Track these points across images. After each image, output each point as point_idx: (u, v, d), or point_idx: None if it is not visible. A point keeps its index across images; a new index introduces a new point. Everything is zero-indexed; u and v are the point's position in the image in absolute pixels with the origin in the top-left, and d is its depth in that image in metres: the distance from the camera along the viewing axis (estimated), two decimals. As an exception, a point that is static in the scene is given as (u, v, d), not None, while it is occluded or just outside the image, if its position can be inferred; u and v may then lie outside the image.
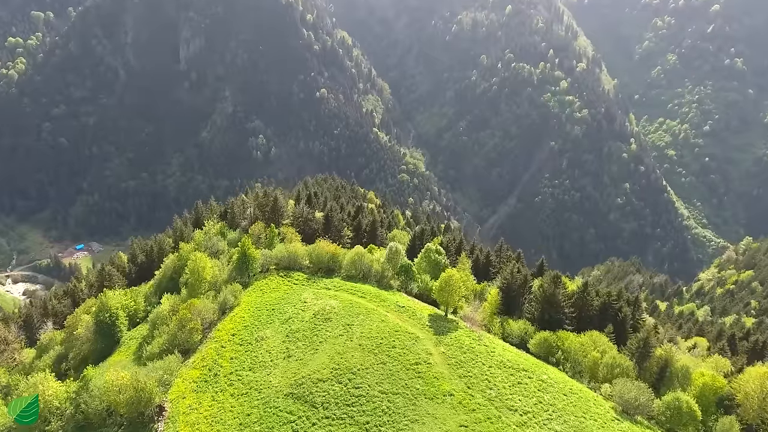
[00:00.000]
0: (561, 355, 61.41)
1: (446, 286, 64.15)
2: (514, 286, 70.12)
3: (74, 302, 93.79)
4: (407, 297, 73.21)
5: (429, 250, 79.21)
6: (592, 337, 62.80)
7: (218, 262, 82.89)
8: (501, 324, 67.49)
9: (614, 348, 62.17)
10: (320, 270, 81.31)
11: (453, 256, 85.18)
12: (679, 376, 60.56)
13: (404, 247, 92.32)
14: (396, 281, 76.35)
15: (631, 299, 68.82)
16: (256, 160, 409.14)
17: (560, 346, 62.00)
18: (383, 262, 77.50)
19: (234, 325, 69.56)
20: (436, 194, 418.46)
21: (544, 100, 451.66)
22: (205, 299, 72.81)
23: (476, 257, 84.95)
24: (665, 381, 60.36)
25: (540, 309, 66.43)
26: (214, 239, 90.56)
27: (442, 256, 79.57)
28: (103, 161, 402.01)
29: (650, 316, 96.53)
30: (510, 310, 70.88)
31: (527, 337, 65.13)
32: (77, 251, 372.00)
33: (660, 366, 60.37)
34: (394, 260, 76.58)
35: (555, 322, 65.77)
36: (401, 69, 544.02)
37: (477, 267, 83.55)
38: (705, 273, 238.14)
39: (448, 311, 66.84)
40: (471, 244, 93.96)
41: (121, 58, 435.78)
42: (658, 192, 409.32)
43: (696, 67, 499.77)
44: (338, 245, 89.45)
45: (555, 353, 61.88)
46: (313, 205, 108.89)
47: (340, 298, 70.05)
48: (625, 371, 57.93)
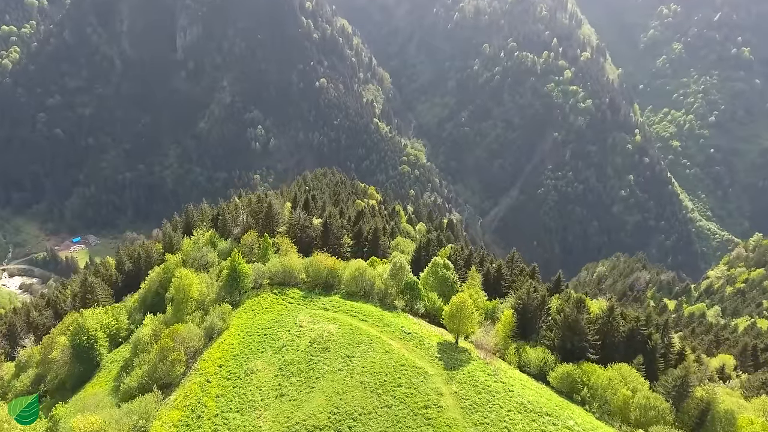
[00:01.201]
0: (587, 392, 55.29)
1: (458, 313, 58.07)
2: (531, 307, 64.10)
3: (56, 314, 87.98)
4: (413, 319, 66.88)
5: (436, 264, 72.83)
6: (620, 370, 56.58)
7: (207, 276, 76.44)
8: (517, 351, 61.46)
9: (646, 384, 56.11)
10: (318, 286, 75.15)
11: (461, 269, 78.92)
12: (722, 422, 53.80)
13: (409, 257, 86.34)
14: (400, 301, 70.11)
15: (660, 323, 62.66)
16: (254, 151, 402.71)
17: (585, 382, 55.95)
18: (386, 279, 71.28)
19: (222, 354, 62.95)
20: (438, 186, 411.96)
21: (547, 90, 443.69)
22: (190, 322, 66.36)
23: (487, 270, 78.64)
24: (706, 427, 53.75)
25: (561, 336, 60.38)
26: (203, 250, 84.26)
27: (451, 271, 73.25)
28: (99, 152, 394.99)
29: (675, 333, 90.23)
30: (526, 333, 64.84)
31: (547, 368, 59.18)
32: (74, 244, 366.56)
33: (701, 409, 53.54)
34: (398, 276, 70.25)
35: (577, 350, 59.78)
36: (402, 58, 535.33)
37: (488, 281, 77.40)
38: (714, 270, 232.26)
39: (459, 338, 60.75)
40: (480, 253, 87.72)
41: (116, 46, 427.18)
42: (662, 184, 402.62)
43: (702, 56, 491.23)
44: (337, 257, 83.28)
45: (580, 390, 55.74)
46: (311, 210, 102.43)
47: (340, 322, 63.70)
48: (661, 414, 51.73)
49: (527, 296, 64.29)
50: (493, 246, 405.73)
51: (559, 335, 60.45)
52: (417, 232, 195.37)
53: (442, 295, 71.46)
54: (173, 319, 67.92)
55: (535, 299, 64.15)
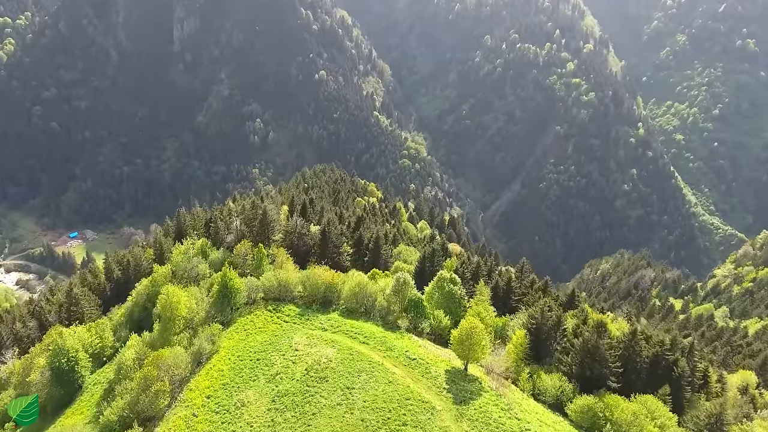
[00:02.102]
0: (610, 428, 50.57)
1: (468, 340, 53.50)
2: (545, 327, 59.60)
3: (41, 326, 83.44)
4: (418, 340, 62.06)
5: (442, 279, 68.13)
6: (646, 403, 52.10)
7: (197, 290, 71.55)
8: (531, 377, 57.01)
9: (674, 419, 51.65)
10: (315, 302, 70.27)
11: (468, 282, 74.29)
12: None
13: (412, 267, 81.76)
14: (404, 320, 65.43)
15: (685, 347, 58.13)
16: (253, 145, 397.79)
17: (608, 417, 51.31)
18: (389, 295, 66.71)
19: (210, 382, 57.64)
20: (438, 180, 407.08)
21: (549, 82, 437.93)
22: (177, 344, 61.39)
23: (495, 283, 74.11)
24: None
25: (579, 362, 55.84)
26: (193, 261, 79.47)
27: (458, 286, 68.57)
28: (95, 146, 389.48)
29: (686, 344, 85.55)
30: (539, 355, 60.33)
31: (564, 398, 54.70)
32: (71, 239, 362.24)
33: (736, 452, 49.19)
34: (401, 293, 65.64)
35: (597, 378, 55.29)
36: (402, 50, 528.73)
37: (496, 294, 72.88)
38: (720, 269, 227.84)
39: (468, 365, 56.16)
40: (488, 264, 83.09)
41: (113, 38, 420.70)
42: (665, 178, 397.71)
43: (706, 48, 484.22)
44: (336, 269, 78.60)
45: (602, 426, 50.96)
46: (309, 216, 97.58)
47: (339, 345, 58.78)
48: (693, 456, 47.63)
49: (541, 316, 59.80)
50: (494, 241, 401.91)
51: (577, 360, 56.02)
52: (419, 230, 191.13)
53: (448, 313, 66.90)
54: (159, 340, 63.16)
55: (549, 319, 59.64)
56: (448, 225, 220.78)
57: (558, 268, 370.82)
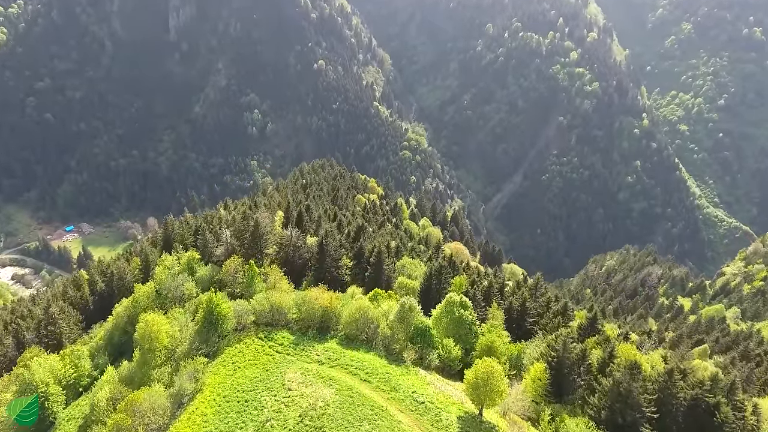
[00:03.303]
0: (646, 490, 45.06)
1: (484, 385, 47.67)
2: (567, 361, 53.78)
3: (18, 344, 77.71)
4: (425, 376, 55.91)
5: (451, 303, 62.09)
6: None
7: (181, 313, 65.42)
8: (552, 419, 51.21)
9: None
10: (311, 327, 64.03)
11: (480, 304, 68.32)
12: None
13: (417, 284, 75.87)
14: (410, 351, 59.60)
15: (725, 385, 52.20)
16: (251, 136, 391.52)
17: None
18: (393, 321, 60.86)
19: (192, 430, 49.85)
20: (439, 172, 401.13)
21: (552, 72, 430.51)
22: (157, 381, 55.36)
23: (509, 305, 68.24)
24: None
25: (609, 406, 49.94)
26: (179, 279, 73.19)
27: (469, 310, 62.53)
28: (91, 138, 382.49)
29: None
30: (560, 391, 54.47)
31: (591, 449, 49.05)
32: (67, 233, 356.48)
33: None
34: (406, 320, 59.81)
35: (630, 424, 49.43)
36: (403, 38, 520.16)
37: (510, 317, 67.16)
38: (730, 266, 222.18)
39: (482, 409, 50.28)
40: (500, 282, 77.10)
41: (107, 27, 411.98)
42: (669, 170, 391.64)
43: (712, 36, 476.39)
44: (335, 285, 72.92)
45: (636, 487, 45.49)
46: (305, 225, 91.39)
47: (337, 383, 52.48)
48: None
49: (563, 348, 54.02)
50: (495, 234, 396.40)
51: (606, 404, 50.25)
52: (421, 228, 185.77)
53: (458, 340, 61.09)
54: (138, 374, 57.16)
55: (573, 353, 53.81)
56: (451, 221, 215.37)
57: (560, 261, 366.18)
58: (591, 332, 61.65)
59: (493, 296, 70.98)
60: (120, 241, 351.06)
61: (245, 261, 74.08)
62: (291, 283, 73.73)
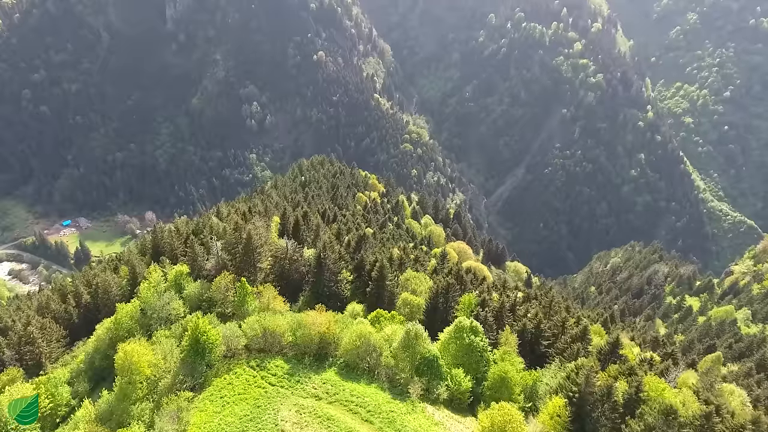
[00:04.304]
0: None
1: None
2: (590, 397, 49.68)
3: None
4: (433, 414, 51.39)
5: (461, 328, 57.92)
6: None
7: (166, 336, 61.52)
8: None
9: None
10: (308, 354, 59.42)
11: (491, 326, 64.00)
12: None
13: (422, 301, 71.79)
14: (415, 384, 55.34)
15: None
16: (250, 129, 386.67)
17: None
18: (397, 349, 56.81)
19: None
20: (441, 165, 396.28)
21: (556, 63, 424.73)
22: (136, 420, 49.68)
23: (523, 326, 64.03)
24: None
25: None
26: (164, 297, 67.67)
27: (480, 336, 58.40)
28: (88, 131, 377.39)
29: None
30: (582, 427, 50.53)
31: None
32: (64, 228, 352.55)
33: None
34: (412, 348, 55.90)
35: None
36: (403, 29, 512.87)
37: (523, 340, 63.10)
38: (738, 265, 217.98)
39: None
40: (513, 300, 72.67)
41: (103, 18, 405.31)
42: (674, 163, 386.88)
43: (718, 27, 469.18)
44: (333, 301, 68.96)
45: None
46: (302, 234, 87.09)
47: (336, 424, 47.98)
48: None
49: (586, 383, 50.01)
50: (497, 228, 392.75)
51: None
52: (423, 226, 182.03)
53: (468, 369, 57.08)
54: (117, 409, 52.55)
55: (597, 389, 49.66)
56: (453, 218, 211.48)
57: (563, 256, 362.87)
58: (612, 358, 57.61)
59: (505, 316, 66.78)
60: (118, 235, 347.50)
61: (237, 277, 69.85)
62: (287, 302, 69.56)
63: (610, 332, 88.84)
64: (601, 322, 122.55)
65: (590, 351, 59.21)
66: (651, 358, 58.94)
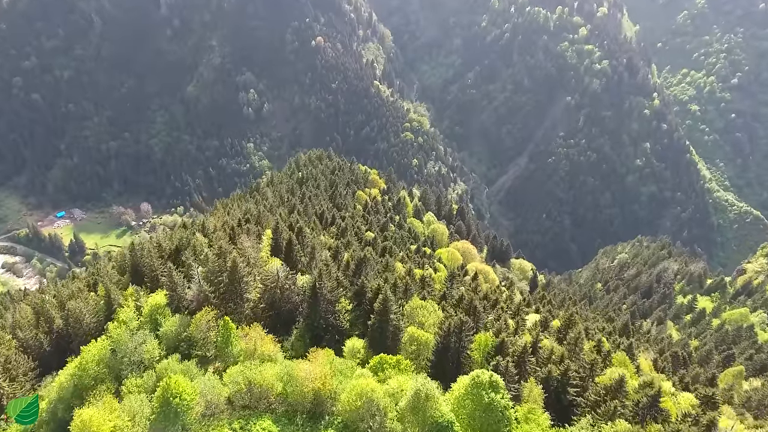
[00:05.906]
0: None
1: None
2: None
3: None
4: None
5: (479, 385, 50.29)
6: None
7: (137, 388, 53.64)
8: None
9: None
10: (301, 411, 52.80)
11: (512, 378, 56.44)
12: None
13: (431, 337, 64.66)
14: (426, 458, 48.06)
15: None
16: (247, 117, 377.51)
17: None
18: (404, 410, 49.94)
19: None
20: (442, 154, 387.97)
21: (560, 49, 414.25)
22: None
23: (547, 374, 56.73)
24: None
25: None
26: (137, 337, 59.25)
27: (501, 392, 51.01)
28: (81, 119, 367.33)
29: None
30: None
31: None
32: (58, 219, 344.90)
33: None
34: (421, 413, 48.96)
35: None
36: (404, 13, 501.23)
37: (548, 392, 56.07)
38: (752, 263, 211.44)
39: None
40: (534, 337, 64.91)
41: (95, 2, 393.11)
42: (679, 152, 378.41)
43: (726, 12, 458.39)
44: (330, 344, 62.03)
45: None
46: (296, 256, 79.56)
47: None
48: None
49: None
50: (499, 218, 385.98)
51: None
52: (425, 225, 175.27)
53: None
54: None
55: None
56: (457, 215, 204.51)
57: (566, 247, 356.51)
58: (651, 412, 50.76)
59: (528, 361, 59.45)
60: (113, 227, 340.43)
61: (220, 313, 62.50)
62: (278, 338, 62.42)
63: (635, 359, 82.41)
64: (617, 332, 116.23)
65: (626, 404, 52.31)
66: (697, 417, 51.79)
